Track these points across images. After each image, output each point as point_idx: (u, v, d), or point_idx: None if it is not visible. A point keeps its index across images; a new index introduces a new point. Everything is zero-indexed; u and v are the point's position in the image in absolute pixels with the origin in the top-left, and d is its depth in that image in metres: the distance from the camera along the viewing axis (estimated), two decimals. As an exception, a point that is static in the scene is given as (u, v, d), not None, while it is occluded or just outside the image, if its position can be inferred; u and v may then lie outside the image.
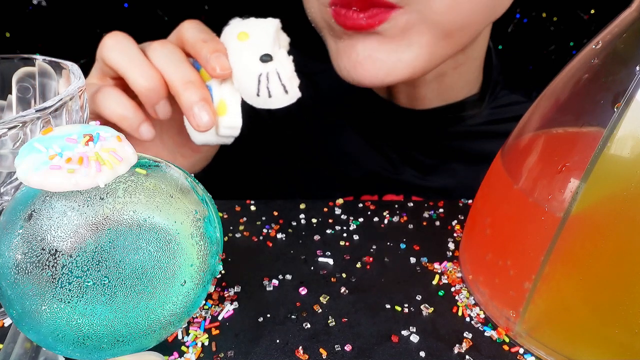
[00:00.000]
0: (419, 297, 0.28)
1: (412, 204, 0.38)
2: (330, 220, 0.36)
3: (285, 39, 0.37)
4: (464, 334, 0.26)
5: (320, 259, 0.31)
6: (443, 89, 0.46)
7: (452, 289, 0.29)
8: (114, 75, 0.35)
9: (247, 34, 0.34)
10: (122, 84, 0.35)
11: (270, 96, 0.34)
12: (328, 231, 0.34)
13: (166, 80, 0.33)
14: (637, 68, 0.21)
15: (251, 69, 0.33)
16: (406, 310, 0.27)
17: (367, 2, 0.33)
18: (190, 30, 0.34)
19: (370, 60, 0.36)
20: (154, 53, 0.34)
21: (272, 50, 0.33)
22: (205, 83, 0.35)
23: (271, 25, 0.34)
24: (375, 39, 0.35)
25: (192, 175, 0.25)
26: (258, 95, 0.34)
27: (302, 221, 0.35)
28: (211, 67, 0.33)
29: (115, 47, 0.33)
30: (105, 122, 0.34)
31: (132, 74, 0.33)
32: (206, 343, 0.25)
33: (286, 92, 0.34)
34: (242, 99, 0.35)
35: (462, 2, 0.34)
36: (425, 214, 0.36)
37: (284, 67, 0.34)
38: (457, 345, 0.25)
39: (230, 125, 0.35)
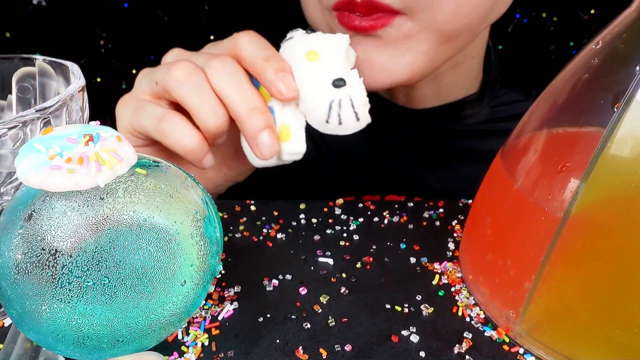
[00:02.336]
0: (419, 297, 0.28)
1: (412, 204, 0.38)
2: (330, 220, 0.36)
3: (353, 55, 0.34)
4: (464, 334, 0.26)
5: (320, 259, 0.31)
6: (441, 88, 0.46)
7: (452, 289, 0.29)
8: (172, 99, 0.33)
9: (317, 53, 0.31)
10: (178, 106, 0.33)
11: (340, 123, 0.32)
12: (328, 231, 0.34)
13: (228, 105, 0.31)
14: (637, 68, 0.21)
15: (322, 94, 0.31)
16: (406, 310, 0.27)
17: (370, 7, 0.33)
18: (249, 45, 0.32)
19: (369, 63, 0.36)
20: (215, 74, 0.31)
21: (344, 73, 0.31)
22: (267, 104, 0.32)
23: (342, 43, 0.32)
24: (373, 42, 0.35)
25: (192, 175, 0.25)
26: (327, 122, 0.32)
27: (302, 221, 0.35)
28: (277, 90, 0.31)
29: (187, 83, 0.31)
30: (159, 145, 0.33)
31: (203, 115, 0.31)
32: (206, 343, 0.25)
33: (357, 119, 0.32)
34: (307, 121, 0.33)
35: (464, 9, 0.34)
36: (425, 214, 0.36)
37: (358, 93, 0.31)
38: (457, 345, 0.25)
39: (294, 152, 0.33)
